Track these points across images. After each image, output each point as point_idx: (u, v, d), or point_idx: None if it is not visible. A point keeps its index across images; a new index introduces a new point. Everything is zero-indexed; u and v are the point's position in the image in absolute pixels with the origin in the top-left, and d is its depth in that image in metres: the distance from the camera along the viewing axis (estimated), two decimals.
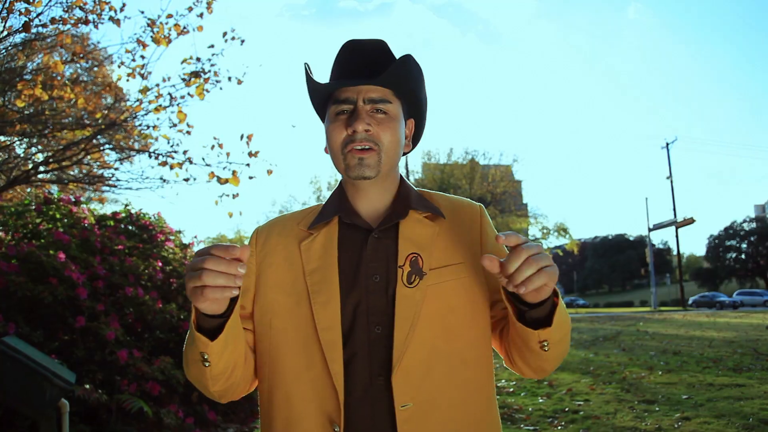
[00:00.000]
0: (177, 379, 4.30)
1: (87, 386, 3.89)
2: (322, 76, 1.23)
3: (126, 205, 5.70)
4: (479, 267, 1.19)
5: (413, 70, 1.20)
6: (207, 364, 1.04)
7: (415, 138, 1.32)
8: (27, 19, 6.09)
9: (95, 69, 9.97)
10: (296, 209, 1.30)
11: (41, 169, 8.42)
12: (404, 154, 1.28)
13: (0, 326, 3.61)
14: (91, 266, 4.46)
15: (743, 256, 54.48)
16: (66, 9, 7.15)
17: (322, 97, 1.24)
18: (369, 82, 1.16)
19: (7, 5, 6.08)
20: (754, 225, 54.60)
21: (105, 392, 4.02)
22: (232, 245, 0.92)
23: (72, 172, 9.67)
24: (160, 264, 5.18)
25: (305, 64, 1.21)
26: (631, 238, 71.51)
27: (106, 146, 9.26)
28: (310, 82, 1.21)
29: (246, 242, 1.24)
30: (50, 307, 4.03)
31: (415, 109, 1.28)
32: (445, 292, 1.15)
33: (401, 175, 1.27)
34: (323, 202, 1.28)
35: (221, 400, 1.19)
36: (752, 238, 53.63)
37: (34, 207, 4.95)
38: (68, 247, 4.38)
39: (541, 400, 6.36)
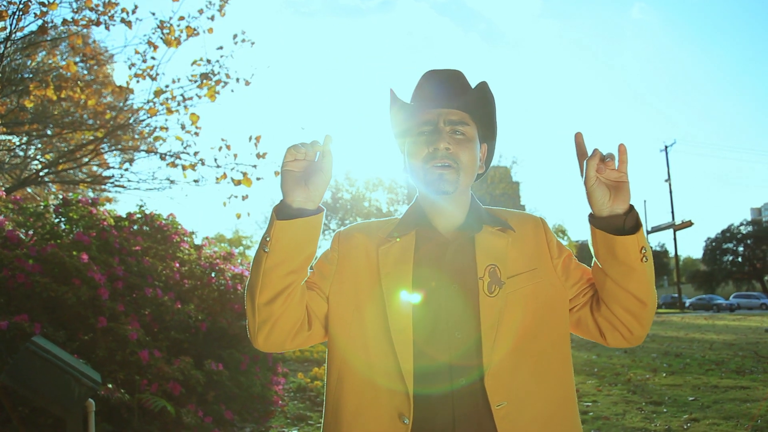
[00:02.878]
0: (196, 379, 4.36)
1: (110, 386, 3.95)
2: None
3: (141, 207, 5.74)
4: (551, 271, 1.30)
5: (488, 96, 1.30)
6: (266, 249, 1.16)
7: (487, 161, 1.42)
8: (43, 22, 6.14)
9: (96, 68, 10.00)
10: None
11: (50, 169, 8.47)
12: (479, 175, 1.37)
13: (27, 326, 3.65)
14: (110, 267, 4.52)
15: (740, 259, 54.61)
16: (75, 10, 7.20)
17: (403, 119, 1.33)
18: (450, 106, 1.27)
19: (22, 6, 6.13)
20: (750, 228, 54.76)
21: (126, 392, 4.08)
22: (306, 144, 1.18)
23: (79, 173, 9.73)
24: (177, 265, 5.24)
25: (390, 89, 1.31)
26: None
27: (114, 148, 9.31)
28: (396, 103, 1.30)
29: (245, 242, 1.35)
30: (72, 307, 4.08)
31: (489, 133, 1.38)
32: (524, 297, 1.24)
33: (472, 194, 1.36)
34: (399, 216, 1.37)
35: (257, 338, 1.24)
36: (749, 241, 53.76)
37: (53, 208, 4.99)
38: (89, 248, 4.44)
39: None
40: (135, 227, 5.56)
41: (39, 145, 10.32)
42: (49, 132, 8.66)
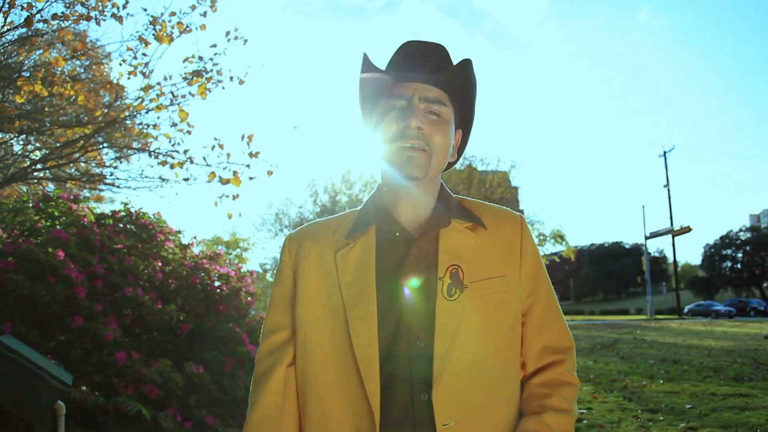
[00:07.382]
0: (176, 382, 4.21)
1: (84, 388, 3.81)
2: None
3: (125, 204, 5.60)
4: (518, 280, 1.15)
5: (471, 77, 1.14)
6: None
7: (460, 150, 1.25)
8: (29, 14, 6.02)
9: (93, 67, 9.87)
10: (292, 212, 1.22)
11: (39, 166, 8.33)
12: (450, 164, 1.21)
13: None
14: (90, 265, 4.38)
15: (738, 266, 54.56)
16: (67, 5, 7.08)
17: (374, 90, 1.16)
18: (428, 81, 1.11)
19: (9, 0, 6.01)
20: (749, 234, 54.71)
21: (102, 395, 3.93)
22: None
23: (69, 171, 9.58)
24: (159, 264, 5.10)
25: (364, 53, 1.14)
26: (627, 246, 71.44)
27: (104, 145, 9.17)
28: (367, 69, 1.14)
29: (241, 245, 1.18)
30: (47, 306, 3.94)
31: (466, 118, 1.22)
32: (487, 305, 1.09)
33: (442, 183, 1.20)
34: (356, 209, 1.20)
35: None
36: (747, 248, 53.74)
37: (32, 204, 4.86)
38: (67, 245, 4.30)
39: None
40: (120, 225, 5.42)
41: (23, 142, 10.18)
42: (44, 128, 8.52)
